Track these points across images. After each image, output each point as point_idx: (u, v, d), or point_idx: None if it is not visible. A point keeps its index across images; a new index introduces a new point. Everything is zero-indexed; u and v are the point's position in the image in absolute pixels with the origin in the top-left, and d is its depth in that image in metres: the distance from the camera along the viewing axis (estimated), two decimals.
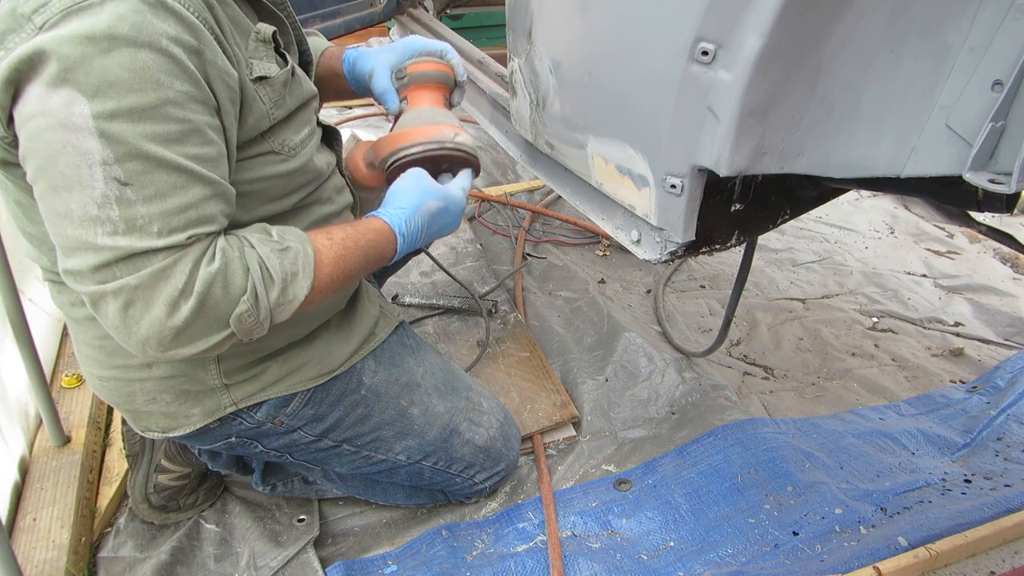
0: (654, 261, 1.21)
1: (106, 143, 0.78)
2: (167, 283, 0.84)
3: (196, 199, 0.85)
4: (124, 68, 0.78)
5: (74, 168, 0.79)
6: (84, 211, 0.80)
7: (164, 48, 0.80)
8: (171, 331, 0.85)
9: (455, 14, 3.28)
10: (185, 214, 0.84)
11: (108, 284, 0.82)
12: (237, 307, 0.89)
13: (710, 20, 0.88)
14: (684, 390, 1.83)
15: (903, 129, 0.91)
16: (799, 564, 1.39)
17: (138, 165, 0.80)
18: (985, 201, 1.02)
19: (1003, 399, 1.84)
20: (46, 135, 0.78)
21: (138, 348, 0.87)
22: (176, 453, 1.46)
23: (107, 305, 0.84)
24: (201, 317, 0.87)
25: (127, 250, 0.82)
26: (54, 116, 0.77)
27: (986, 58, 0.81)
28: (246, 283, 0.90)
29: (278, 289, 0.93)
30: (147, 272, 0.83)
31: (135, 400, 1.13)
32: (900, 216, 2.88)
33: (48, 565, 1.31)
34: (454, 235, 2.44)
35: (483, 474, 1.47)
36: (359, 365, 1.28)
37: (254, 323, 0.92)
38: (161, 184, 0.82)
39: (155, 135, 0.81)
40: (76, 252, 0.82)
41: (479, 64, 1.91)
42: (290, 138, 1.03)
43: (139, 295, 0.83)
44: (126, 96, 0.78)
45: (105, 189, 0.80)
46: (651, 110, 1.04)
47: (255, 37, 0.98)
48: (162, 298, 0.84)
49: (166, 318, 0.84)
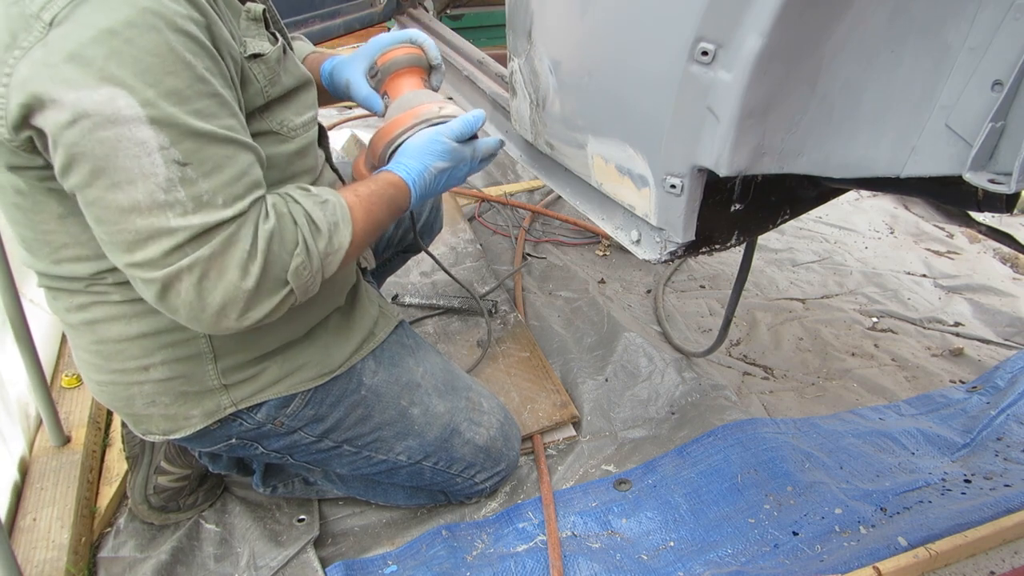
0: (654, 261, 1.21)
1: (159, 129, 0.80)
2: (236, 247, 0.87)
3: (246, 165, 0.89)
4: (152, 53, 0.79)
5: (134, 159, 0.80)
6: (152, 199, 0.82)
7: (182, 27, 0.81)
8: (245, 293, 0.89)
9: (455, 14, 3.28)
10: (242, 181, 0.88)
11: (183, 261, 0.85)
12: (293, 260, 0.93)
13: (710, 20, 0.88)
14: (684, 390, 1.83)
15: (903, 129, 0.91)
16: (799, 564, 1.39)
17: (192, 144, 0.83)
18: (985, 201, 1.02)
19: (1003, 399, 1.84)
20: (96, 135, 0.79)
21: (213, 320, 0.89)
22: (176, 455, 1.46)
23: (181, 284, 0.86)
24: (267, 275, 0.90)
25: (201, 226, 0.84)
26: (100, 115, 0.78)
27: (986, 58, 0.81)
28: (297, 236, 0.94)
29: (325, 239, 0.97)
30: (217, 240, 0.86)
31: (134, 403, 1.13)
32: (900, 216, 2.88)
33: (48, 565, 1.31)
34: (454, 235, 2.44)
35: (483, 474, 1.47)
36: (359, 365, 1.27)
37: (309, 276, 0.95)
38: (216, 158, 0.85)
39: (198, 112, 0.83)
40: (147, 242, 0.84)
41: (479, 64, 1.91)
42: (290, 119, 1.05)
43: (213, 265, 0.86)
44: (163, 80, 0.80)
45: (168, 173, 0.82)
46: (651, 110, 1.04)
47: (245, 16, 0.99)
48: (234, 262, 0.87)
49: (240, 281, 0.88)
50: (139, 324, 1.05)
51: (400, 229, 1.73)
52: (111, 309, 1.04)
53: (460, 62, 1.96)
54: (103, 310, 1.04)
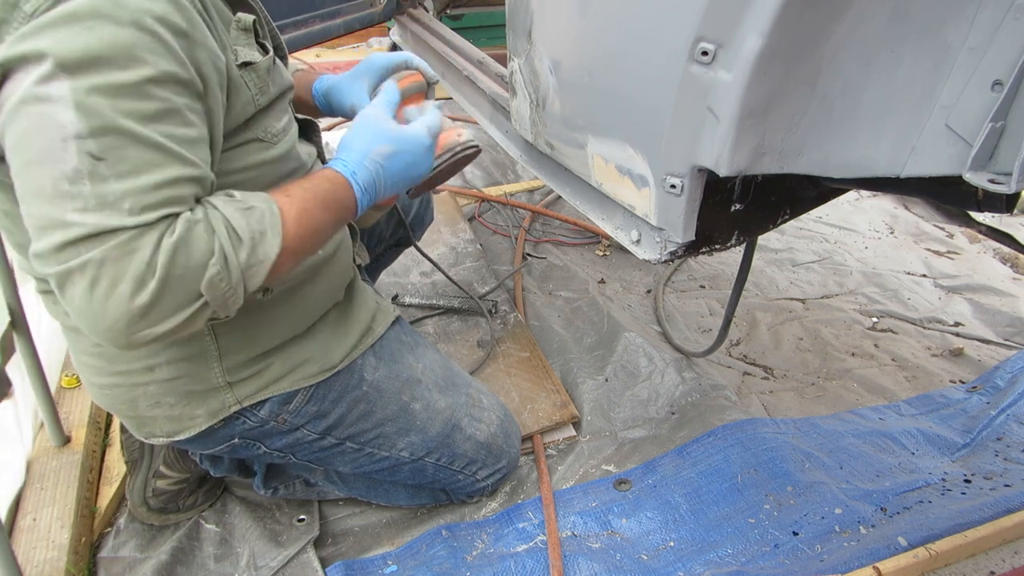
0: (654, 261, 1.21)
1: (82, 116, 0.76)
2: (133, 257, 0.79)
3: (171, 178, 0.82)
4: (105, 44, 0.77)
5: (49, 141, 0.77)
6: (55, 186, 0.77)
7: (148, 26, 0.79)
8: (138, 309, 0.81)
9: (455, 14, 3.28)
10: (158, 192, 0.81)
11: (74, 261, 0.78)
12: (207, 271, 0.84)
13: (710, 20, 0.88)
14: (684, 390, 1.83)
15: (903, 129, 0.91)
16: (799, 564, 1.39)
17: (113, 140, 0.78)
18: (985, 201, 1.02)
19: (1003, 399, 1.84)
20: (24, 108, 0.77)
21: (106, 334, 0.82)
22: (175, 460, 1.46)
23: (73, 286, 0.80)
24: (168, 290, 0.82)
25: (95, 227, 0.78)
26: (33, 91, 0.76)
27: (986, 58, 0.81)
28: (212, 245, 0.85)
29: (247, 249, 0.87)
30: (111, 246, 0.79)
31: (138, 406, 1.13)
32: (900, 216, 2.88)
33: (48, 565, 1.31)
34: (454, 235, 2.43)
35: (485, 471, 1.47)
36: (360, 361, 1.28)
37: (227, 288, 0.86)
38: (136, 161, 0.80)
39: (133, 112, 0.79)
40: (45, 231, 0.79)
41: (479, 64, 1.91)
42: (272, 125, 1.04)
43: (104, 272, 0.79)
44: (107, 72, 0.77)
45: (78, 163, 0.77)
46: (651, 110, 1.04)
47: (236, 26, 0.98)
48: (128, 274, 0.79)
49: (132, 295, 0.80)
50: None
51: (391, 223, 1.73)
52: None
53: (460, 62, 1.96)
54: None
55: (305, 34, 2.16)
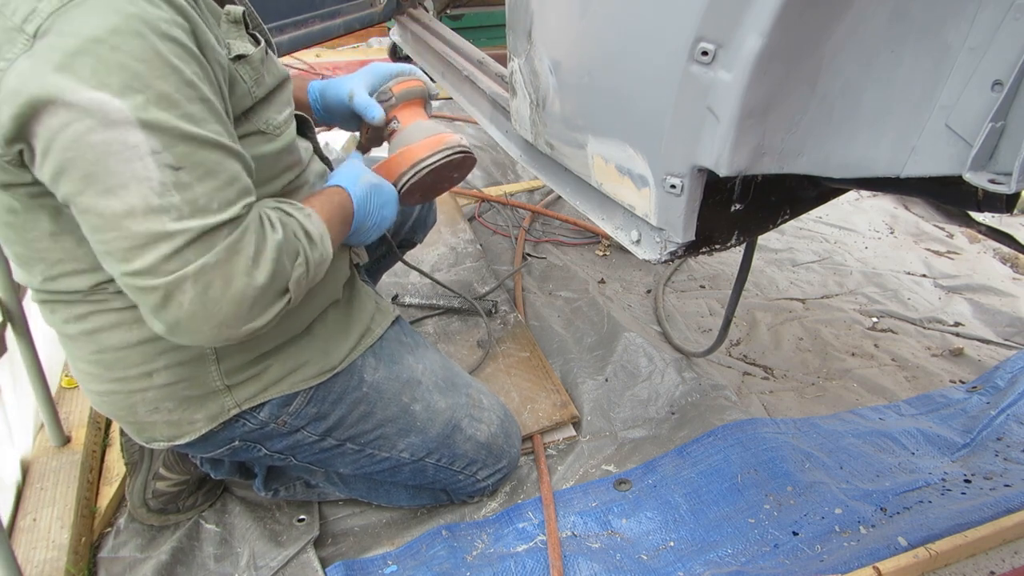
0: (654, 261, 1.21)
1: (150, 132, 0.80)
2: (240, 255, 0.87)
3: (237, 171, 0.89)
4: (139, 59, 0.79)
5: (125, 163, 0.79)
6: (147, 203, 0.81)
7: (167, 32, 0.81)
8: (250, 301, 0.89)
9: (455, 14, 3.28)
10: (233, 187, 0.88)
11: (187, 268, 0.84)
12: (295, 271, 0.95)
13: (710, 20, 0.88)
14: (684, 390, 1.83)
15: (903, 129, 0.91)
16: (799, 564, 1.39)
17: (184, 148, 0.82)
18: (985, 201, 1.02)
19: (1003, 399, 1.84)
20: (86, 139, 0.78)
21: (214, 332, 0.89)
22: (174, 462, 1.46)
23: (184, 294, 0.84)
24: (272, 283, 0.91)
25: (198, 230, 0.83)
26: (91, 119, 0.78)
27: (986, 58, 0.81)
28: (298, 247, 0.97)
29: (319, 249, 1.00)
30: (221, 248, 0.85)
31: (137, 412, 1.12)
32: (900, 216, 2.88)
33: (48, 565, 1.31)
34: (454, 235, 2.43)
35: (486, 471, 1.47)
36: (359, 362, 1.28)
37: (306, 285, 0.98)
38: (208, 162, 0.85)
39: (188, 116, 0.83)
40: (144, 248, 0.82)
41: (479, 64, 1.91)
42: (273, 117, 1.05)
43: (218, 273, 0.85)
44: (151, 84, 0.79)
45: (161, 177, 0.81)
46: (651, 110, 1.04)
47: (225, 19, 0.99)
48: (239, 271, 0.87)
49: (245, 288, 0.88)
50: (140, 330, 1.04)
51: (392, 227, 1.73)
52: (112, 317, 1.04)
53: (460, 62, 1.96)
54: (103, 318, 1.04)
55: (305, 34, 2.16)
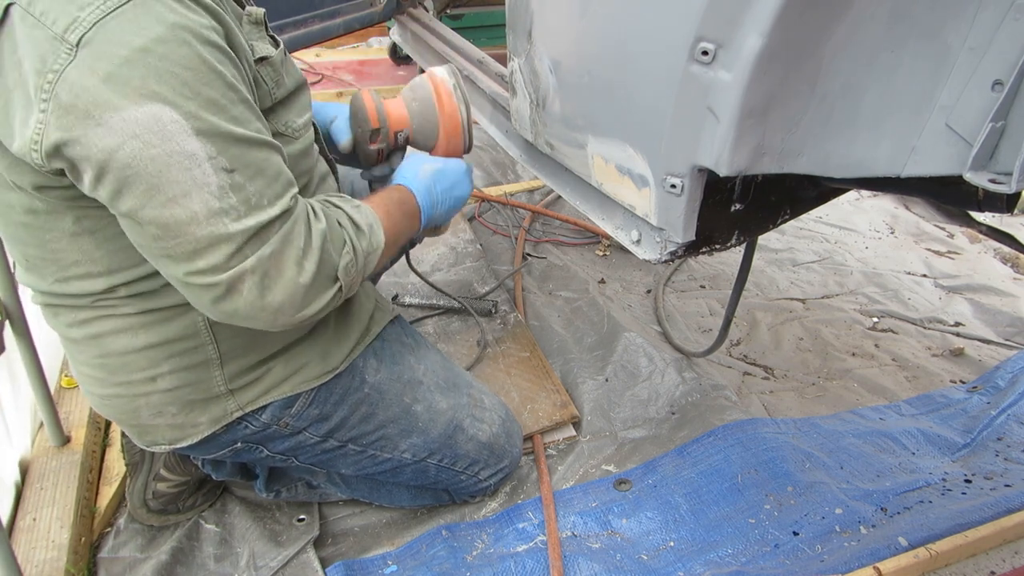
0: (654, 261, 1.21)
1: (205, 139, 0.83)
2: (292, 245, 0.91)
3: (280, 164, 0.93)
4: (186, 67, 0.81)
5: (186, 172, 0.82)
6: (207, 207, 0.84)
7: (208, 38, 0.83)
8: (302, 289, 0.93)
9: (455, 14, 3.28)
10: (280, 181, 0.92)
11: (245, 263, 0.88)
12: (342, 259, 0.98)
13: (710, 20, 0.88)
14: (684, 390, 1.83)
15: (903, 129, 0.91)
16: (799, 564, 1.39)
17: (236, 149, 0.86)
18: (985, 201, 1.02)
19: (1003, 399, 1.83)
20: (146, 153, 0.80)
21: (271, 319, 0.93)
22: (175, 464, 1.46)
23: (243, 284, 0.89)
24: (320, 271, 0.94)
25: (256, 227, 0.88)
26: (148, 133, 0.79)
27: (986, 58, 0.81)
28: (344, 236, 0.99)
29: (367, 238, 1.03)
30: (275, 238, 0.90)
31: (140, 415, 1.13)
32: (900, 216, 2.88)
33: (48, 565, 1.31)
34: (454, 235, 2.44)
35: (487, 471, 1.47)
36: (361, 363, 1.27)
37: (356, 273, 1.01)
38: (256, 161, 0.88)
39: (234, 119, 0.86)
40: (207, 250, 0.86)
41: (479, 64, 1.91)
42: (293, 120, 1.07)
43: (272, 263, 0.90)
44: (200, 91, 0.82)
45: (219, 181, 0.84)
46: (651, 110, 1.04)
47: (247, 20, 1.00)
48: (291, 260, 0.91)
49: (296, 277, 0.92)
50: (146, 335, 1.05)
51: None
52: (118, 322, 1.04)
53: (460, 62, 1.96)
54: (109, 323, 1.04)
55: (305, 34, 2.16)
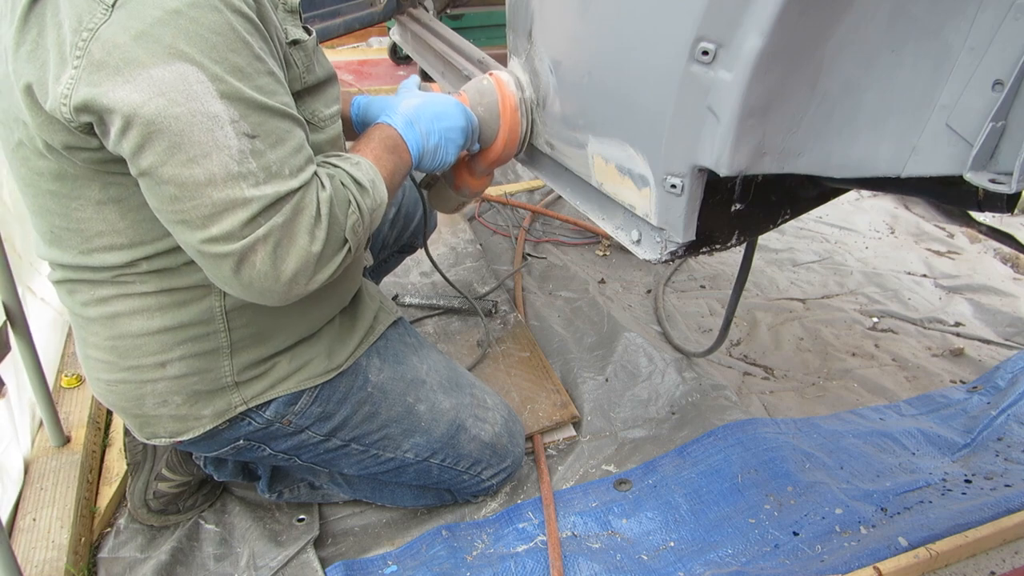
0: (654, 261, 1.21)
1: (229, 103, 0.84)
2: (304, 214, 0.91)
3: (302, 138, 0.94)
4: (216, 32, 0.82)
5: (208, 133, 0.83)
6: (226, 170, 0.85)
7: (238, 8, 0.85)
8: (314, 256, 0.93)
9: (455, 14, 3.27)
10: (301, 153, 0.93)
11: (258, 231, 0.88)
12: (348, 219, 0.98)
13: (710, 20, 0.88)
14: (684, 390, 1.83)
15: (903, 129, 0.91)
16: (799, 564, 1.39)
17: (258, 117, 0.86)
18: (986, 201, 1.02)
19: (1003, 399, 1.83)
20: (171, 111, 0.81)
21: (286, 288, 0.93)
22: (178, 464, 1.46)
23: (256, 255, 0.89)
24: (331, 237, 0.95)
25: (274, 195, 0.88)
26: (174, 92, 0.81)
27: (986, 58, 0.81)
28: (348, 196, 0.99)
29: (370, 195, 1.03)
30: (288, 208, 0.90)
31: (144, 404, 1.12)
32: (900, 216, 2.88)
33: (48, 565, 1.31)
34: (454, 235, 2.43)
35: (490, 471, 1.47)
36: (364, 362, 1.28)
37: (363, 231, 1.02)
38: (279, 130, 0.89)
39: (259, 88, 0.87)
40: (223, 214, 0.86)
41: (479, 64, 1.91)
42: (320, 110, 1.08)
43: (285, 232, 0.90)
44: (227, 56, 0.83)
45: (240, 145, 0.85)
46: (651, 110, 1.04)
47: (283, 8, 1.02)
48: (303, 229, 0.91)
49: (309, 245, 0.92)
50: (162, 318, 1.05)
51: (395, 229, 1.75)
52: (135, 302, 1.04)
53: (460, 62, 1.96)
54: (126, 303, 1.04)
55: None
